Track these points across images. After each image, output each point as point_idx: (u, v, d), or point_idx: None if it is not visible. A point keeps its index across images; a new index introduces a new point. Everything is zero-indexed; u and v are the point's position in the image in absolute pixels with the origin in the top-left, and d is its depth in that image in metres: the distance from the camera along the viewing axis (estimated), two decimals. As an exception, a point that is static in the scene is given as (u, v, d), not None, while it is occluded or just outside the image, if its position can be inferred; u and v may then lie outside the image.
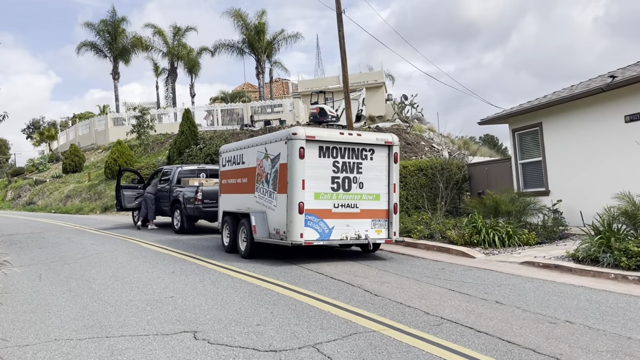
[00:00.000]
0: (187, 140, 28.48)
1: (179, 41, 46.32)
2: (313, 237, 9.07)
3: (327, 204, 9.22)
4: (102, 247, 12.11)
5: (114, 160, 30.91)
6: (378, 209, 9.64)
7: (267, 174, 9.75)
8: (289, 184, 8.94)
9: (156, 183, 16.71)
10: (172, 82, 48.20)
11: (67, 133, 49.45)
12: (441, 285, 7.24)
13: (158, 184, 16.67)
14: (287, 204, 8.95)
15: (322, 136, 9.16)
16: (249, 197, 10.44)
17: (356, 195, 9.45)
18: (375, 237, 9.56)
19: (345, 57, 18.33)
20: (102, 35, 44.82)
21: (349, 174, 9.40)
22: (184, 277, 8.09)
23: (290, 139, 8.98)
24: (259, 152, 10.14)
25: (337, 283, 7.36)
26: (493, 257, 9.80)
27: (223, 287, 7.26)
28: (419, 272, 8.29)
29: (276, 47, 45.54)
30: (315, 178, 9.09)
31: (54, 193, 34.82)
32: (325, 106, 33.50)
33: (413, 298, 6.37)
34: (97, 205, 28.96)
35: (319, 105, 33.96)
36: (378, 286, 7.10)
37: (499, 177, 16.56)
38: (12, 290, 7.51)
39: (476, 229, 10.68)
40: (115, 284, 7.68)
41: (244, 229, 10.07)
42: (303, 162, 8.93)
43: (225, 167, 11.87)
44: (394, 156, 9.71)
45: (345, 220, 9.35)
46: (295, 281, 7.54)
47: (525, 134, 14.99)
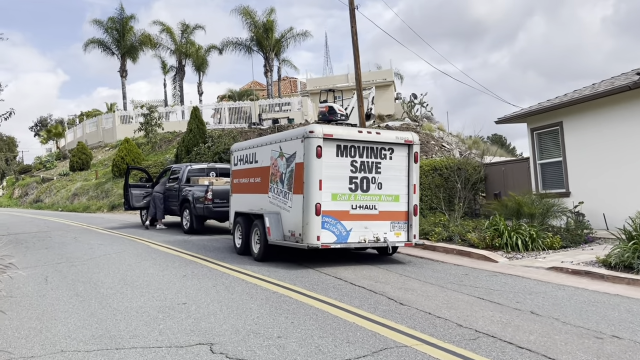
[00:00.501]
0: (196, 139, 28.18)
1: (187, 39, 46.04)
2: (330, 239, 8.69)
3: (345, 205, 8.83)
4: (110, 247, 11.78)
5: (121, 158, 30.64)
6: (397, 211, 9.24)
7: (282, 173, 9.37)
8: (305, 184, 8.56)
9: (165, 182, 16.37)
10: (179, 80, 47.94)
11: (74, 131, 49.30)
12: (468, 292, 6.83)
13: (167, 182, 16.34)
14: (303, 205, 8.57)
15: (340, 134, 8.77)
16: (262, 197, 10.07)
17: (375, 196, 9.06)
18: (395, 240, 9.16)
19: (358, 53, 17.92)
20: (110, 33, 44.58)
21: (367, 174, 9.01)
22: (196, 281, 7.73)
23: (307, 137, 8.59)
24: (273, 151, 9.77)
25: (358, 290, 6.97)
26: (517, 261, 9.39)
27: (238, 292, 6.89)
28: (442, 278, 7.89)
29: (284, 45, 45.16)
30: (333, 178, 8.71)
31: (61, 191, 34.63)
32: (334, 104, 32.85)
33: (441, 307, 5.97)
34: (104, 204, 28.72)
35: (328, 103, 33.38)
36: (402, 293, 6.71)
37: (516, 178, 16.10)
38: (17, 294, 7.18)
39: (498, 231, 10.26)
40: (124, 289, 7.33)
41: (257, 230, 9.70)
42: (320, 162, 8.55)
43: (237, 166, 11.51)
44: (414, 155, 9.31)
45: (364, 222, 8.96)
46: (313, 287, 7.16)
47: (545, 134, 14.53)
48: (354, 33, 17.88)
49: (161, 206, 15.90)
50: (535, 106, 14.73)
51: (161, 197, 15.89)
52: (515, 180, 16.18)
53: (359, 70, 18.08)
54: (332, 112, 36.72)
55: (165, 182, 16.36)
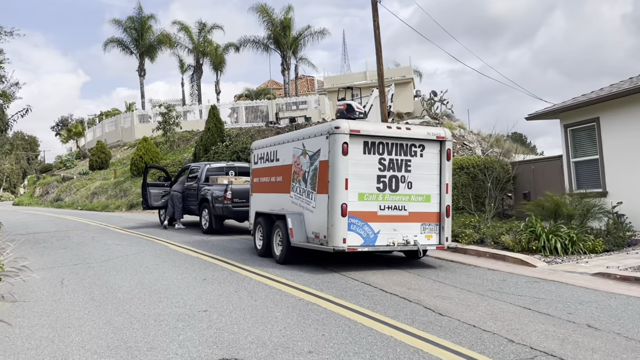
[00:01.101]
0: (213, 137, 27.90)
1: (205, 38, 45.90)
2: (357, 242, 8.19)
3: (372, 205, 8.33)
4: (128, 248, 11.44)
5: (139, 157, 30.52)
6: (428, 212, 8.71)
7: (305, 172, 8.90)
8: (330, 184, 8.08)
9: (183, 181, 16.02)
10: (197, 79, 47.86)
11: (94, 130, 49.53)
12: (512, 301, 6.29)
13: (185, 181, 15.98)
14: (328, 205, 8.09)
15: (367, 130, 8.27)
16: (284, 197, 9.62)
17: (404, 196, 8.54)
18: (426, 243, 8.63)
19: (380, 48, 17.36)
20: (128, 32, 44.68)
21: (396, 173, 8.49)
22: (217, 285, 7.30)
23: (332, 133, 8.11)
24: (295, 149, 9.31)
25: (391, 297, 6.47)
26: (557, 266, 8.79)
27: (261, 299, 6.44)
28: (480, 284, 7.35)
29: (302, 44, 44.73)
30: (360, 177, 8.21)
31: (80, 190, 34.68)
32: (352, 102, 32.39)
33: (486, 319, 5.44)
34: (122, 203, 28.60)
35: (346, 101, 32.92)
36: (439, 302, 6.19)
37: (548, 177, 15.43)
38: (31, 298, 6.83)
39: (534, 234, 9.66)
40: (141, 293, 6.93)
41: (279, 231, 9.25)
42: (346, 159, 8.05)
43: (257, 165, 11.07)
44: (446, 153, 8.77)
45: (392, 224, 8.44)
46: (342, 294, 6.67)
47: (580, 130, 13.83)
48: (376, 27, 17.34)
49: (179, 205, 15.56)
50: (569, 101, 14.04)
51: (179, 197, 15.56)
52: (546, 179, 15.50)
53: (381, 66, 17.53)
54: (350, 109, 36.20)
55: (183, 181, 16.02)
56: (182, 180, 16.07)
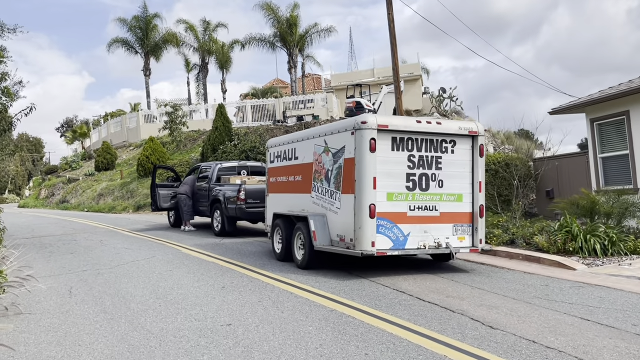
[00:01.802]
0: (221, 137, 27.40)
1: (210, 36, 45.38)
2: (386, 245, 7.63)
3: (402, 206, 7.76)
4: (138, 252, 10.91)
5: (146, 158, 30.02)
6: (460, 212, 8.13)
7: (328, 170, 8.34)
8: (356, 183, 7.52)
9: (189, 181, 15.34)
10: (203, 77, 47.33)
11: (99, 131, 49.11)
12: (564, 310, 5.71)
13: (192, 181, 15.36)
14: (354, 206, 7.53)
15: (396, 125, 7.69)
16: (303, 197, 9.07)
17: (435, 195, 7.96)
18: (458, 246, 8.06)
19: (395, 42, 16.79)
20: (133, 31, 44.19)
21: (426, 170, 7.92)
22: (238, 294, 6.75)
23: (358, 128, 7.54)
24: (316, 146, 8.74)
25: (430, 307, 5.90)
26: (598, 269, 8.20)
27: (289, 310, 5.89)
28: (522, 290, 6.77)
29: (308, 41, 44.19)
30: (388, 175, 7.65)
31: (86, 191, 34.24)
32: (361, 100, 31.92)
33: (544, 332, 4.87)
34: (129, 204, 28.12)
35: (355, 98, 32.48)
36: (486, 312, 5.62)
37: (572, 174, 14.81)
38: (37, 310, 6.30)
39: (570, 234, 9.07)
40: (157, 304, 6.40)
41: (300, 234, 8.69)
42: (374, 157, 7.49)
43: (273, 164, 10.52)
44: (479, 148, 8.19)
45: (423, 225, 7.87)
46: (375, 303, 6.11)
47: (607, 124, 13.20)
48: (390, 20, 16.77)
49: (186, 208, 14.94)
50: (596, 94, 13.41)
51: (184, 198, 14.92)
52: (570, 176, 14.88)
53: (396, 60, 16.94)
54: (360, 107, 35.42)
55: (189, 181, 15.33)
56: (187, 181, 15.39)
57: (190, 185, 15.22)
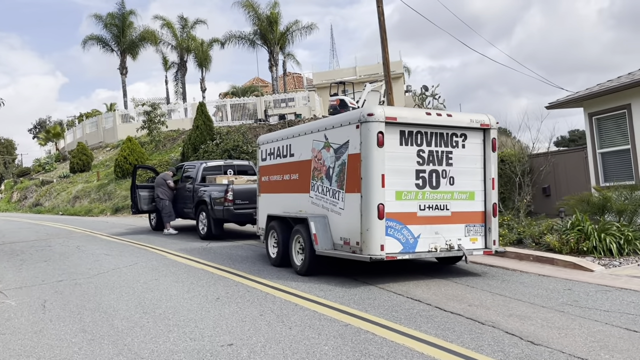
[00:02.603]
0: (203, 136, 26.54)
1: (189, 34, 44.31)
2: (395, 249, 6.99)
3: (411, 205, 7.14)
4: (119, 259, 10.09)
5: (124, 158, 28.96)
6: (472, 211, 7.55)
7: (329, 168, 7.67)
8: (363, 181, 6.87)
9: (160, 181, 14.25)
10: (181, 76, 46.24)
11: (74, 131, 47.56)
12: (604, 320, 5.15)
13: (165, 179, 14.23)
14: (361, 206, 6.87)
15: (404, 117, 7.06)
16: (301, 197, 8.38)
17: (446, 193, 7.36)
18: (471, 248, 7.47)
19: (386, 35, 16.22)
20: (109, 29, 42.87)
21: (436, 167, 7.31)
22: (235, 306, 6.04)
23: (364, 121, 6.89)
24: (315, 141, 8.07)
25: (455, 319, 5.28)
26: (616, 270, 7.70)
27: (297, 325, 5.20)
28: (547, 296, 6.20)
29: (290, 39, 43.46)
30: (396, 172, 7.02)
31: (61, 194, 32.95)
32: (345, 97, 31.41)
33: (595, 349, 4.28)
34: (107, 207, 27.02)
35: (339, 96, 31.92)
36: (519, 324, 5.02)
37: (569, 170, 14.41)
38: (5, 330, 5.51)
39: (583, 233, 8.57)
40: (144, 320, 5.65)
41: (299, 238, 8.00)
42: (382, 152, 6.85)
43: (265, 162, 9.81)
44: (491, 142, 7.61)
45: (433, 226, 7.26)
46: (393, 315, 5.46)
47: (607, 119, 12.81)
48: (380, 13, 16.19)
49: (166, 210, 14.02)
50: (595, 88, 13.01)
51: (161, 200, 13.98)
52: (567, 172, 14.49)
53: (386, 54, 16.36)
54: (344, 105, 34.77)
55: (161, 182, 14.26)
56: (159, 183, 14.30)
57: (162, 185, 14.16)
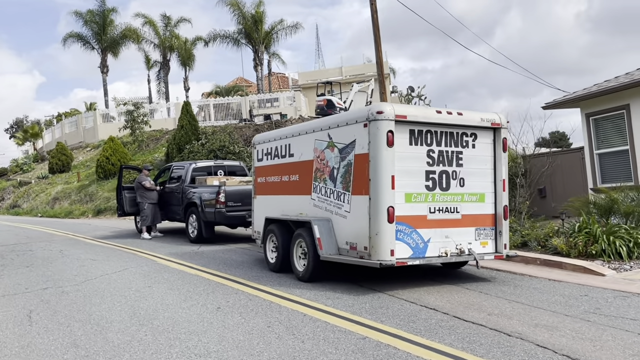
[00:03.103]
0: (188, 136, 25.95)
1: (172, 32, 43.53)
2: (405, 254, 6.66)
3: (421, 208, 6.81)
4: (107, 264, 9.58)
5: (106, 159, 28.18)
6: (483, 214, 7.25)
7: (333, 169, 7.31)
8: (372, 182, 6.51)
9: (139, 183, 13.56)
10: (164, 75, 45.41)
11: (52, 131, 46.38)
12: (632, 329, 4.87)
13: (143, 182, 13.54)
14: (369, 209, 6.52)
15: (415, 115, 6.73)
16: (302, 199, 8.00)
17: (456, 195, 7.05)
18: (482, 252, 7.16)
19: (379, 32, 15.90)
20: (89, 26, 41.84)
21: (446, 167, 7.00)
22: (239, 317, 5.63)
23: (373, 119, 6.54)
24: (317, 141, 7.69)
25: (478, 330, 4.95)
26: (628, 274, 7.48)
27: (310, 338, 4.82)
28: (566, 304, 5.93)
29: (275, 38, 43.00)
30: (406, 173, 6.68)
31: (40, 195, 31.99)
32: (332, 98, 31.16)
33: (639, 363, 4.00)
34: (88, 209, 26.24)
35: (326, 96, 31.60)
36: (547, 335, 4.71)
37: (566, 171, 14.28)
38: (-12, 346, 5.02)
39: (590, 236, 8.35)
40: (141, 332, 5.21)
41: (301, 242, 7.62)
42: (392, 152, 6.51)
43: (262, 162, 9.40)
44: (502, 142, 7.33)
45: (444, 229, 6.94)
46: (410, 326, 5.12)
47: (605, 119, 12.69)
48: (374, 10, 15.88)
49: (144, 213, 13.44)
50: (593, 88, 12.88)
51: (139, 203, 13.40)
52: (564, 173, 14.36)
53: (380, 53, 16.05)
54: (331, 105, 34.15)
55: (137, 185, 13.68)
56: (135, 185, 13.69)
57: (139, 188, 13.47)
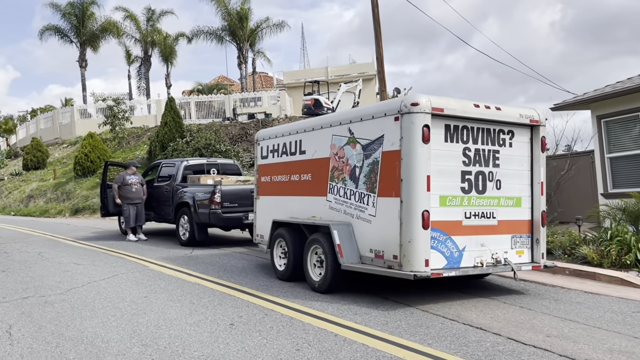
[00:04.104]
0: (172, 133, 24.93)
1: (154, 26, 42.27)
2: (439, 264, 5.95)
3: (456, 212, 6.12)
4: (93, 270, 8.67)
5: (85, 155, 26.92)
6: (519, 220, 6.60)
7: (355, 167, 6.57)
8: (404, 183, 5.79)
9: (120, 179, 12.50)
10: (145, 71, 44.05)
11: (27, 126, 44.62)
12: None
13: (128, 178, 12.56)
14: (400, 213, 5.80)
15: (452, 109, 6.03)
16: (315, 201, 7.24)
17: (493, 199, 6.38)
18: (519, 262, 6.51)
19: (380, 27, 15.21)
20: (68, 19, 40.28)
21: (483, 168, 6.32)
22: (258, 336, 4.84)
23: (407, 112, 5.82)
24: (336, 136, 6.94)
25: (550, 357, 4.26)
26: (670, 286, 6.93)
27: (351, 365, 4.07)
28: (625, 322, 5.30)
29: (260, 36, 42.13)
30: (440, 174, 5.98)
31: (13, 192, 30.50)
32: (320, 97, 30.47)
33: None
34: (65, 207, 24.98)
35: (314, 96, 30.87)
36: (632, 363, 4.06)
37: (573, 175, 13.81)
38: (-41, 373, 4.15)
39: (624, 244, 7.79)
40: (146, 356, 4.39)
41: (317, 248, 6.86)
42: (428, 149, 5.80)
43: (267, 159, 8.60)
44: (540, 141, 6.69)
45: (479, 237, 6.26)
46: (466, 351, 4.40)
47: (617, 122, 12.24)
48: (374, 5, 15.19)
49: (125, 213, 12.46)
50: (607, 89, 12.41)
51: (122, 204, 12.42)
52: (572, 178, 13.90)
53: (380, 49, 15.36)
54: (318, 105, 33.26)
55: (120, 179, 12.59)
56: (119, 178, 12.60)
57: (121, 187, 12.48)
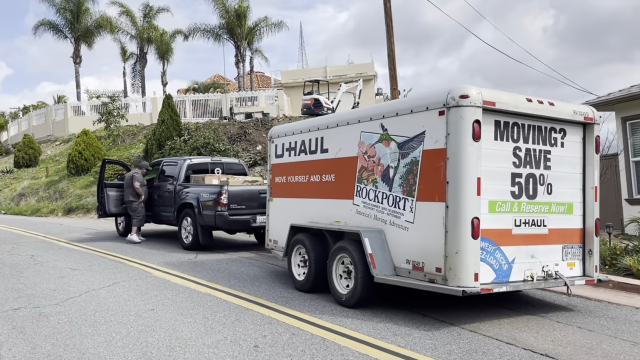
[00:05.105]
0: (169, 131, 24.13)
1: (150, 23, 41.41)
2: (488, 278, 5.27)
3: (506, 220, 5.45)
4: (91, 276, 7.92)
5: (78, 153, 26.06)
6: (570, 228, 5.94)
7: (388, 167, 5.89)
8: (450, 186, 5.12)
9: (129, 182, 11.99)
10: (141, 68, 43.19)
11: (19, 123, 43.58)
12: None
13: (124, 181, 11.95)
14: (445, 220, 5.12)
15: (504, 103, 5.36)
16: (339, 204, 6.56)
17: (543, 205, 5.72)
18: (571, 276, 5.84)
19: (392, 22, 14.56)
20: (62, 14, 39.38)
21: (533, 170, 5.66)
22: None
23: (455, 105, 5.14)
24: (365, 133, 6.26)
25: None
26: None
27: (412, 404, 3.39)
28: None
29: (258, 35, 41.40)
30: (490, 176, 5.32)
31: (4, 190, 29.56)
32: (320, 97, 29.77)
33: None
34: (58, 206, 24.12)
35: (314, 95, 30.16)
36: None
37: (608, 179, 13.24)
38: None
39: (671, 255, 7.18)
40: (162, 389, 3.68)
41: (343, 257, 6.16)
42: (478, 148, 5.13)
43: (282, 158, 7.90)
44: (594, 142, 6.05)
45: (529, 247, 5.60)
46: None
47: (644, 124, 11.69)
48: (387, 0, 14.54)
49: (139, 212, 11.79)
50: (633, 89, 11.82)
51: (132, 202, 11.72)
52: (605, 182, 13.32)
53: (392, 45, 14.70)
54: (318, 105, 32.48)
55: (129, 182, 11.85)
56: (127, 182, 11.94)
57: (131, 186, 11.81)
